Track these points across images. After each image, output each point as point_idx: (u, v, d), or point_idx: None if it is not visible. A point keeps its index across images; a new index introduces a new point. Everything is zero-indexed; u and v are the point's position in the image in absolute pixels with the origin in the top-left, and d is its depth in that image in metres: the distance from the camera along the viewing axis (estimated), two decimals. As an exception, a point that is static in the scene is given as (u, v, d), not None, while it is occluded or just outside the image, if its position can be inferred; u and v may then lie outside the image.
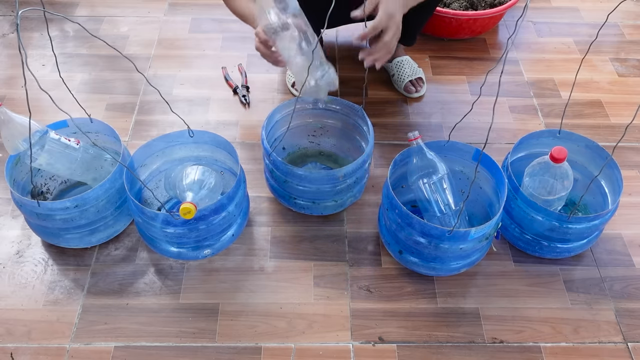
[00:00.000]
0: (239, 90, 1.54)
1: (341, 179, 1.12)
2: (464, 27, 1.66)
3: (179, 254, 1.11)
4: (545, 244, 1.14)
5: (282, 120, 1.22)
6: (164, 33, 1.74)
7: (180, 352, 1.04)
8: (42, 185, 1.21)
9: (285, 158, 1.31)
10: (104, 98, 1.52)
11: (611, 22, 1.82)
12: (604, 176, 1.17)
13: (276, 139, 1.22)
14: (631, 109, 1.53)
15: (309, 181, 1.12)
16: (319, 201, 1.18)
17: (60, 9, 1.82)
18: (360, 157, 1.12)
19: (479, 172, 1.14)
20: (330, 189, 1.14)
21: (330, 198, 1.17)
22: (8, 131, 1.03)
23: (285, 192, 1.18)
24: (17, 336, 1.05)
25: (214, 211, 1.03)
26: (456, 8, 1.66)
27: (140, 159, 1.15)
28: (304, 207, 1.20)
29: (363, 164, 1.14)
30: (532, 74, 1.64)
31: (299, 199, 1.18)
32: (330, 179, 1.12)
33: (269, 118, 1.17)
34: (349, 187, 1.17)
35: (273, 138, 1.21)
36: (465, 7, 1.67)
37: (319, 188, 1.13)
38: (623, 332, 1.09)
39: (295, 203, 1.19)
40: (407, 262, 1.11)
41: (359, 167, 1.12)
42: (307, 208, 1.20)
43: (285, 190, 1.17)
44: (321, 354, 1.04)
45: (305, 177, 1.11)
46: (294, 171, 1.10)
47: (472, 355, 1.05)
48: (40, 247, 1.19)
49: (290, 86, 1.54)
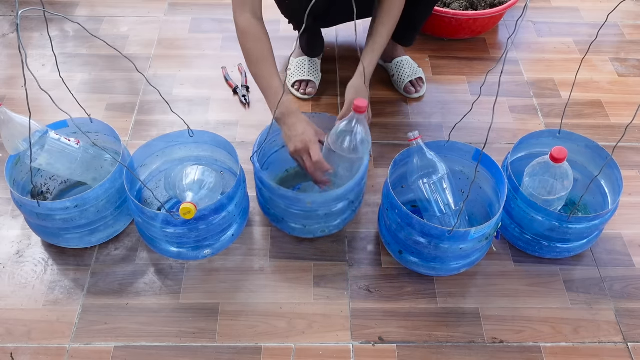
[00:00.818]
0: (239, 90, 1.54)
1: (309, 205, 1.07)
2: (463, 27, 1.66)
3: (179, 254, 1.11)
4: (545, 244, 1.14)
5: (272, 141, 1.20)
6: (164, 33, 1.74)
7: (180, 352, 1.04)
8: (42, 185, 1.21)
9: (279, 176, 1.27)
10: (104, 98, 1.52)
11: (611, 22, 1.82)
12: (604, 176, 1.17)
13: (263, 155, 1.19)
14: (631, 109, 1.53)
15: (278, 197, 1.08)
16: (302, 222, 1.14)
17: (60, 9, 1.82)
18: (334, 192, 1.06)
19: (479, 172, 1.14)
20: (299, 212, 1.10)
21: (304, 221, 1.13)
22: (8, 131, 1.03)
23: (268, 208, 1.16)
24: (17, 336, 1.05)
25: (214, 211, 1.03)
26: (456, 8, 1.66)
27: (141, 159, 1.15)
28: (294, 229, 1.17)
29: (340, 199, 1.08)
30: (532, 74, 1.64)
31: (288, 220, 1.15)
32: (296, 202, 1.07)
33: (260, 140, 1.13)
34: (335, 213, 1.12)
35: (264, 156, 1.20)
36: (465, 7, 1.67)
37: (298, 210, 1.09)
38: (623, 332, 1.08)
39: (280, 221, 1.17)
40: (407, 262, 1.11)
41: (334, 199, 1.07)
42: (297, 230, 1.17)
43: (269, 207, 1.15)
44: (321, 354, 1.04)
45: (277, 193, 1.07)
46: (266, 184, 1.07)
47: (472, 355, 1.05)
48: (40, 247, 1.19)
49: (291, 86, 1.54)
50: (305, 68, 1.53)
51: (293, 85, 1.53)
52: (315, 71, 1.55)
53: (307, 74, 1.53)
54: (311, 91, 1.52)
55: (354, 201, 1.14)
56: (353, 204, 1.15)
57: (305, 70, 1.53)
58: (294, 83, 1.53)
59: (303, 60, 1.55)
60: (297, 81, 1.53)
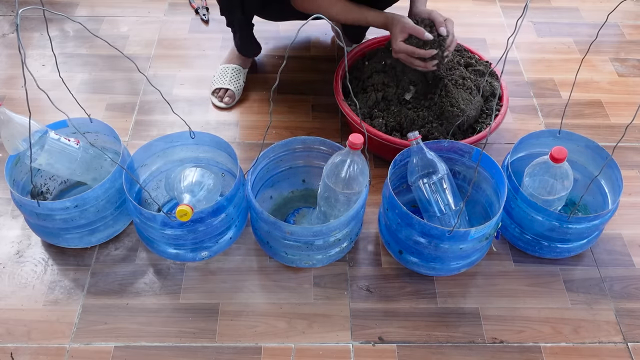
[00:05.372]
0: (200, 10, 1.80)
1: (288, 234, 1.03)
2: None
3: (177, 255, 1.11)
4: (545, 244, 1.14)
5: (269, 164, 1.17)
6: (164, 33, 1.74)
7: (180, 352, 1.04)
8: (42, 185, 1.21)
9: (283, 196, 1.25)
10: (104, 98, 1.52)
11: (611, 22, 1.82)
12: (604, 176, 1.17)
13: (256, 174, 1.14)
14: (631, 109, 1.53)
15: (264, 222, 1.05)
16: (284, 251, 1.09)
17: (60, 9, 1.82)
18: (312, 228, 1.02)
19: (479, 172, 1.14)
20: (280, 239, 1.05)
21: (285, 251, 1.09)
22: (8, 131, 1.03)
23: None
24: (17, 336, 1.05)
25: (212, 213, 1.03)
26: None
27: (141, 160, 1.15)
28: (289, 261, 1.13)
29: (317, 235, 1.03)
30: (532, 74, 1.64)
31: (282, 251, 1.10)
32: (277, 228, 1.03)
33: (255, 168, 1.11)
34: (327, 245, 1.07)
35: (259, 181, 1.16)
36: None
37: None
38: (623, 332, 1.08)
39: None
40: (407, 262, 1.11)
41: (312, 234, 1.03)
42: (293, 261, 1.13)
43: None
44: (321, 354, 1.04)
45: (262, 217, 1.04)
46: (253, 204, 1.05)
47: (472, 355, 1.05)
48: (40, 247, 1.19)
49: (211, 94, 1.52)
50: (227, 76, 1.52)
51: (213, 92, 1.52)
52: (237, 80, 1.52)
53: (227, 82, 1.51)
54: (228, 100, 1.49)
55: (341, 239, 1.07)
56: (340, 242, 1.08)
57: (227, 78, 1.51)
58: (214, 90, 1.52)
59: (227, 68, 1.53)
60: (217, 89, 1.51)
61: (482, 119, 1.33)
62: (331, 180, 1.02)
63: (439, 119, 1.28)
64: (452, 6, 1.90)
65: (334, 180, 1.01)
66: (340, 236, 1.06)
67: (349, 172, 1.00)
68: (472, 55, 1.45)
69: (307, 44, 1.71)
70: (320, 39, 1.72)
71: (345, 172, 1.00)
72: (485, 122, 1.31)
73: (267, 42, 1.69)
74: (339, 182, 1.01)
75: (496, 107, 1.32)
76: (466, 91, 1.31)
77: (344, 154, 1.00)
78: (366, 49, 1.45)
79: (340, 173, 1.00)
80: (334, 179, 1.01)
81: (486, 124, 1.30)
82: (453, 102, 1.27)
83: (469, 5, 1.91)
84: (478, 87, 1.33)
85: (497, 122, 1.29)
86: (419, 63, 1.23)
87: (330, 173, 1.02)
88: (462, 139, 1.27)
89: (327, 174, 1.03)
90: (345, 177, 1.00)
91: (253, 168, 1.10)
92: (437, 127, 1.27)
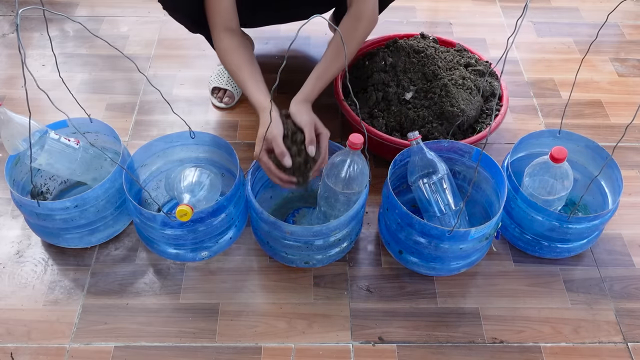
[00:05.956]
0: None
1: (288, 234, 1.03)
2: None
3: (177, 255, 1.11)
4: (545, 244, 1.14)
5: None
6: (164, 33, 1.74)
7: (180, 352, 1.04)
8: (42, 185, 1.21)
9: (283, 196, 1.24)
10: (104, 98, 1.52)
11: (611, 22, 1.82)
12: (604, 176, 1.17)
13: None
14: (631, 109, 1.53)
15: (264, 222, 1.04)
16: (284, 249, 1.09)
17: (60, 9, 1.82)
18: (318, 227, 1.00)
19: (479, 172, 1.14)
20: (279, 238, 1.05)
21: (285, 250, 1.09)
22: (8, 131, 1.03)
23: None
24: (17, 336, 1.05)
25: (212, 213, 1.03)
26: None
27: (141, 160, 1.15)
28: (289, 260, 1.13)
29: (317, 235, 1.02)
30: (532, 74, 1.64)
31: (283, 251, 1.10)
32: (277, 228, 1.03)
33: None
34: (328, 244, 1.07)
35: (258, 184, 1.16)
36: None
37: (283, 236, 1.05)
38: (623, 332, 1.08)
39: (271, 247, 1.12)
40: (407, 262, 1.11)
41: (314, 234, 1.02)
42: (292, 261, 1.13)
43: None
44: (321, 354, 1.04)
45: (261, 217, 1.04)
46: (253, 204, 1.04)
47: (472, 355, 1.05)
48: (40, 247, 1.19)
49: (210, 93, 1.51)
50: (224, 77, 1.51)
51: (212, 93, 1.52)
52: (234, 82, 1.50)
53: (225, 83, 1.50)
54: (227, 100, 1.49)
55: (341, 239, 1.07)
56: (340, 242, 1.08)
57: (224, 79, 1.51)
58: (212, 90, 1.52)
59: (225, 68, 1.51)
60: (216, 89, 1.51)
61: (482, 119, 1.33)
62: (331, 180, 1.02)
63: (439, 119, 1.28)
64: (452, 6, 1.90)
65: (334, 180, 1.01)
66: (340, 236, 1.06)
67: (349, 172, 1.00)
68: (472, 55, 1.45)
69: (307, 44, 1.71)
70: (320, 39, 1.72)
71: (345, 172, 1.00)
72: (485, 122, 1.31)
73: (267, 42, 1.69)
74: (339, 182, 1.01)
75: (496, 107, 1.32)
76: (466, 91, 1.31)
77: (344, 154, 1.00)
78: (366, 49, 1.45)
79: (340, 173, 1.00)
80: (334, 179, 1.01)
81: (486, 124, 1.30)
82: (453, 102, 1.27)
83: (469, 5, 1.91)
84: (478, 87, 1.33)
85: (497, 122, 1.29)
86: (276, 180, 1.07)
87: (330, 173, 1.02)
88: (462, 139, 1.27)
89: (327, 174, 1.03)
90: (345, 177, 1.00)
91: (253, 168, 1.10)
92: (437, 127, 1.27)
